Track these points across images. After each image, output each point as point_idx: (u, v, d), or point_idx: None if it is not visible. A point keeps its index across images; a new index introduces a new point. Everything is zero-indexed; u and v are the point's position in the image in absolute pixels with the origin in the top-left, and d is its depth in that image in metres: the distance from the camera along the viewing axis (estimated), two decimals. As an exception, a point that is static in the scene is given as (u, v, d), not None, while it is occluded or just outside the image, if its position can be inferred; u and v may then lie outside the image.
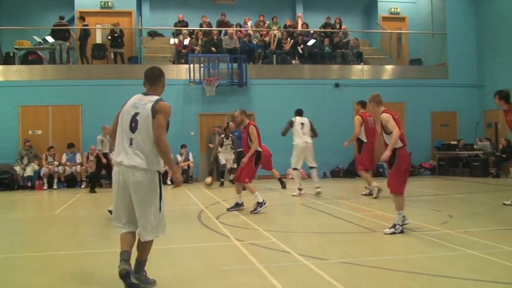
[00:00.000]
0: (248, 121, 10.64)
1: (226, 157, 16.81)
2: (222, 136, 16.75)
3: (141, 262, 5.08)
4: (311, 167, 13.29)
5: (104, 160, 15.35)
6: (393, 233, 7.67)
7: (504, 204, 10.29)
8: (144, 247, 5.06)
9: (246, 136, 10.48)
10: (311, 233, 8.23)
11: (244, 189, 10.71)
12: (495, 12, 20.10)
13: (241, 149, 17.78)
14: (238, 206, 10.62)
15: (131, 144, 4.95)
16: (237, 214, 10.08)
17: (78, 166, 17.29)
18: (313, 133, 13.27)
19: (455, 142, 19.61)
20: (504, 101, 9.91)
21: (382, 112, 8.06)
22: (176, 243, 7.30)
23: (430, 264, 5.92)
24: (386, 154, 7.72)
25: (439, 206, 10.97)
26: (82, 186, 16.99)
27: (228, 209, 10.61)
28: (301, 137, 12.88)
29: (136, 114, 5.01)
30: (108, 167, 15.15)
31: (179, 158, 17.95)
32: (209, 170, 17.04)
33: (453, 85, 20.70)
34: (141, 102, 5.10)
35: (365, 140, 12.55)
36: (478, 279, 5.29)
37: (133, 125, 4.97)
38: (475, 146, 19.05)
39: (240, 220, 9.41)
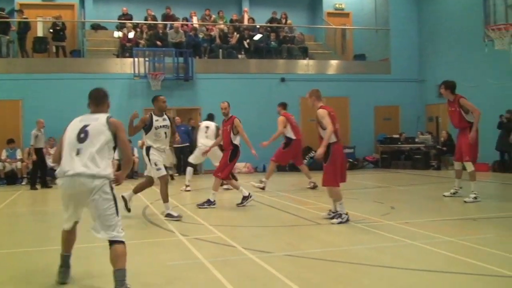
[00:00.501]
0: (231, 114, 10.52)
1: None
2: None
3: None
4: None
5: (34, 157, 14.93)
6: (341, 222, 7.88)
7: (444, 196, 10.59)
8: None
9: (228, 129, 10.27)
10: (256, 227, 8.27)
11: (222, 184, 10.66)
12: (435, 9, 20.66)
13: (187, 144, 17.79)
14: (210, 203, 10.22)
15: (78, 154, 4.73)
16: (184, 210, 10.01)
17: (19, 163, 16.74)
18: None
19: (397, 136, 20.10)
20: (450, 91, 10.12)
21: (319, 108, 8.18)
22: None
23: (372, 255, 6.04)
24: (320, 151, 7.93)
25: (381, 198, 11.22)
26: (23, 183, 16.49)
27: (198, 206, 10.25)
28: (204, 140, 13.24)
29: (86, 125, 4.85)
30: (42, 163, 14.81)
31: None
32: None
33: (396, 80, 21.17)
34: (90, 117, 4.99)
35: (293, 137, 12.91)
36: (418, 269, 5.44)
37: (82, 136, 4.79)
38: (416, 140, 19.56)
39: (185, 215, 9.35)
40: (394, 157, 19.85)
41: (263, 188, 12.48)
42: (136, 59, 18.42)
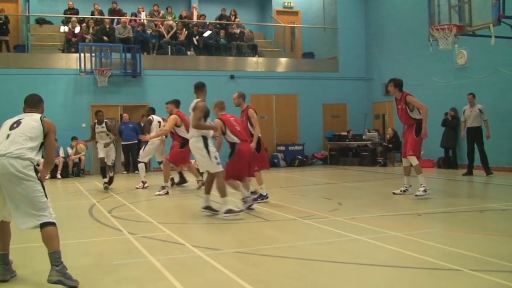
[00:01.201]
0: (246, 105, 10.20)
1: (101, 148, 13.20)
2: (95, 122, 13.25)
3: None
4: (159, 162, 13.79)
5: None
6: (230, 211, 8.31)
7: (394, 193, 10.64)
8: None
9: (245, 120, 9.87)
10: (205, 224, 8.22)
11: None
12: (382, 9, 21.06)
13: (134, 141, 17.56)
14: (262, 197, 9.87)
15: (7, 138, 4.93)
16: (132, 208, 9.88)
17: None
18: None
19: (345, 133, 20.42)
20: (398, 89, 10.30)
21: (219, 116, 9.13)
22: (66, 239, 6.99)
23: (320, 250, 6.11)
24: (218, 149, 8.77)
25: (329, 195, 11.36)
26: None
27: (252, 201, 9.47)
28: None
29: (20, 119, 5.08)
30: None
31: (70, 151, 17.31)
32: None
33: (343, 78, 21.49)
34: (25, 114, 5.20)
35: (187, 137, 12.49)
36: (364, 263, 5.53)
37: (14, 126, 5.01)
38: (363, 137, 19.91)
39: (133, 213, 9.23)
40: (342, 154, 20.16)
41: (166, 193, 11.77)
42: (82, 54, 18.02)
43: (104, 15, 20.61)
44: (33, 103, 5.33)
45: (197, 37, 20.79)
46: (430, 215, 8.58)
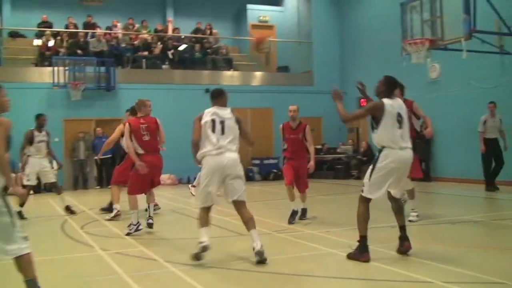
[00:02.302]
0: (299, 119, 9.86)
1: (39, 163, 11.01)
2: (32, 129, 11.14)
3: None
4: None
5: None
6: (128, 233, 8.15)
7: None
8: None
9: (300, 137, 9.74)
10: (178, 239, 8.17)
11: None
12: (356, 24, 21.29)
13: (108, 156, 17.38)
14: (303, 213, 9.39)
15: None
16: (105, 224, 9.76)
17: None
18: None
19: (320, 146, 20.51)
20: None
21: (126, 122, 8.68)
22: (37, 256, 6.89)
23: (295, 264, 6.10)
24: (138, 163, 8.15)
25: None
26: None
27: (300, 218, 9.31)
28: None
29: None
30: None
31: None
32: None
33: (318, 91, 21.59)
34: None
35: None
36: (339, 277, 5.56)
37: None
38: (338, 150, 20.03)
39: (106, 229, 9.12)
40: (317, 167, 20.17)
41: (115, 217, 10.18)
42: (55, 68, 17.84)
43: (78, 29, 20.49)
44: None
45: (172, 50, 20.78)
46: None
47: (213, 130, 6.43)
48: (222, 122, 6.52)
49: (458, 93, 15.95)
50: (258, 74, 21.75)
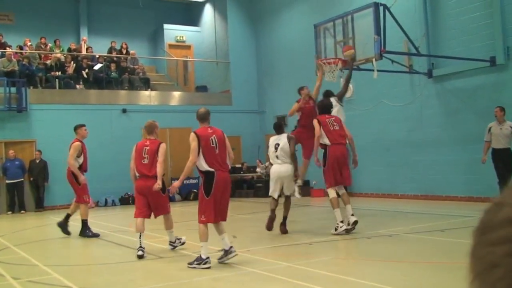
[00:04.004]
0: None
1: None
2: None
3: None
4: None
5: None
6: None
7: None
8: None
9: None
10: (95, 265, 7.93)
11: None
12: (272, 44, 21.67)
13: (20, 179, 16.67)
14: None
15: None
16: (16, 250, 9.31)
17: None
18: None
19: (239, 165, 20.60)
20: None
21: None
22: None
23: (214, 285, 6.07)
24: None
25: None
26: None
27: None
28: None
29: None
30: None
31: None
32: None
33: (237, 111, 21.78)
34: None
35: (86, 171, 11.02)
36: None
37: None
38: (257, 169, 20.18)
39: (18, 256, 8.70)
40: (238, 186, 20.29)
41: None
42: (-38, 88, 16.97)
43: (-14, 48, 19.63)
44: None
45: (86, 70, 20.30)
46: (321, 243, 8.80)
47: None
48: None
49: (371, 111, 16.53)
50: (176, 93, 21.64)
